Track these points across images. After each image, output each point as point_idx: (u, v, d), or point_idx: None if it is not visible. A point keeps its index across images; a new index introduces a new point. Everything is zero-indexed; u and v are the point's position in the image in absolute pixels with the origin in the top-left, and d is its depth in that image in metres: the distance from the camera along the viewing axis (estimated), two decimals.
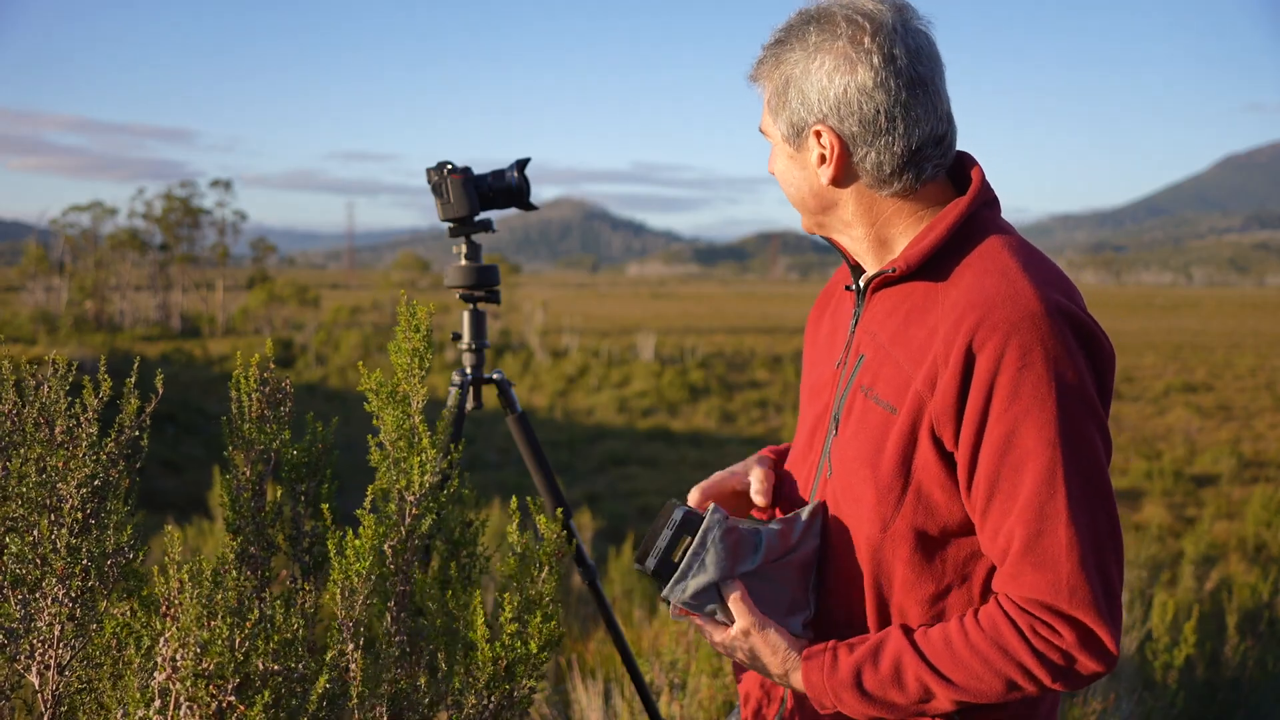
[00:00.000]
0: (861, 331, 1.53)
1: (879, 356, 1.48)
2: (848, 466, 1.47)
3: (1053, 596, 1.33)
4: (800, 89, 1.46)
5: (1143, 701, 4.39)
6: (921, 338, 1.42)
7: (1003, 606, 1.38)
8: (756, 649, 1.49)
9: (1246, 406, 23.98)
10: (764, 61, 1.51)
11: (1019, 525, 1.34)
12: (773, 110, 1.52)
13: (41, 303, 48.78)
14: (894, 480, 1.42)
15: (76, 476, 1.61)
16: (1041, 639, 1.35)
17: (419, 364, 1.73)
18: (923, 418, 1.39)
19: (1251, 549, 11.05)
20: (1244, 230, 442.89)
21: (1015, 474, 1.34)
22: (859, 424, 1.47)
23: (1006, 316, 1.35)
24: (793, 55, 1.46)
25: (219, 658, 1.42)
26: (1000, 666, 1.36)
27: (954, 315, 1.39)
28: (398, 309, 1.74)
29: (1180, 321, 59.67)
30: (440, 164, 2.86)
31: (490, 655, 1.61)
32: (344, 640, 1.61)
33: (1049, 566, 1.33)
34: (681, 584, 1.48)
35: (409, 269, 63.77)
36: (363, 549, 1.59)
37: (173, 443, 17.20)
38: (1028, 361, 1.33)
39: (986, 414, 1.35)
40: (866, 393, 1.47)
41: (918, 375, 1.40)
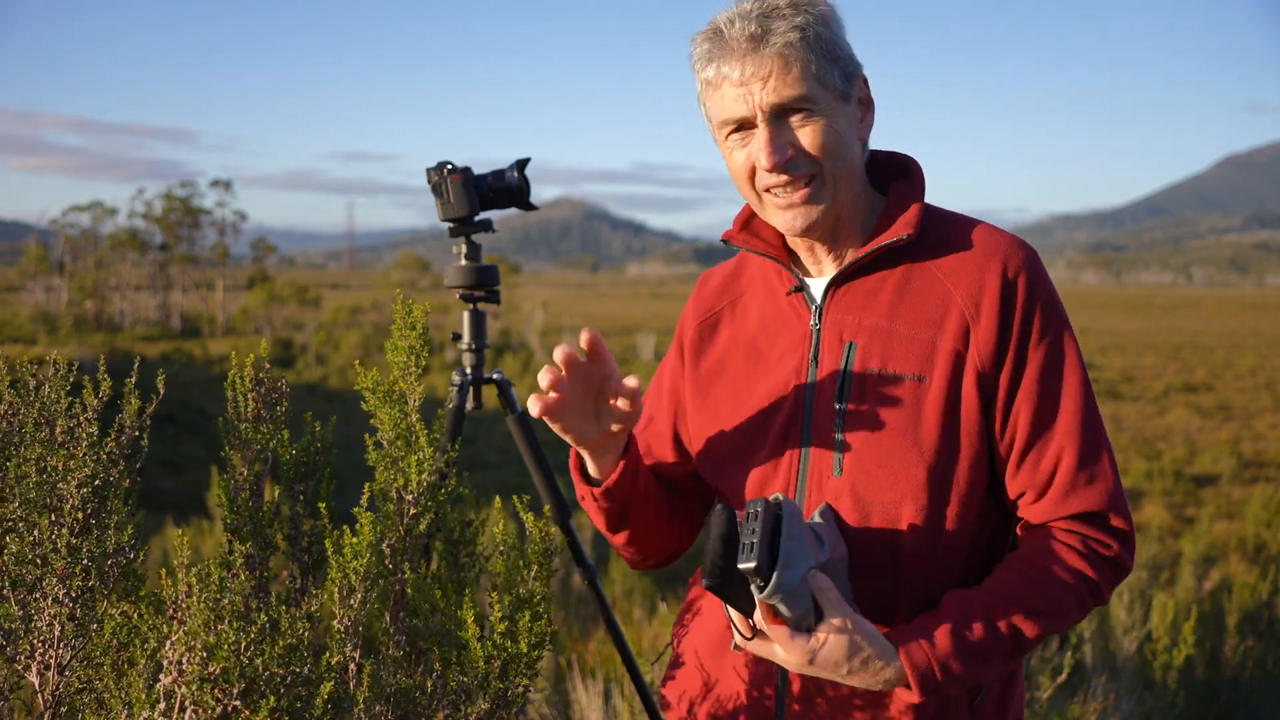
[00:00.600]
0: (830, 325, 1.53)
1: (879, 338, 1.49)
2: (879, 447, 1.46)
3: (1105, 507, 1.45)
4: (838, 40, 1.48)
5: (1143, 701, 4.39)
6: (931, 304, 1.48)
7: (1053, 533, 1.47)
8: (855, 644, 1.37)
9: (1246, 406, 23.98)
10: (783, 32, 1.44)
11: (1069, 444, 1.45)
12: (821, 69, 1.45)
13: (41, 303, 48.78)
14: (938, 442, 1.45)
15: (77, 476, 1.61)
16: (1096, 553, 1.45)
17: (415, 363, 1.73)
18: (965, 368, 1.45)
19: (1251, 549, 11.05)
20: (1244, 230, 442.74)
21: (1057, 393, 1.45)
22: (879, 404, 1.47)
23: (1021, 256, 1.48)
24: (803, 20, 1.45)
25: (225, 662, 1.42)
26: (1075, 585, 1.44)
27: (969, 269, 1.48)
28: (394, 308, 1.74)
29: (1180, 321, 59.66)
30: (440, 164, 2.85)
31: (482, 655, 1.61)
32: (344, 641, 1.62)
33: (1100, 480, 1.45)
34: (789, 573, 1.34)
35: (409, 269, 63.77)
36: (360, 547, 1.59)
37: (173, 443, 17.20)
38: (1049, 291, 1.48)
39: (1028, 337, 1.45)
40: (880, 373, 1.48)
41: (941, 337, 1.46)
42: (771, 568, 1.33)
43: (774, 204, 1.52)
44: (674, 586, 7.86)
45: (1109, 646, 5.13)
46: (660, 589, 7.50)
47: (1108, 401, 24.37)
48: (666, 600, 6.44)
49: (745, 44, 1.45)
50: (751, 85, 1.45)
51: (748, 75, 1.45)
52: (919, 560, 1.48)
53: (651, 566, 1.78)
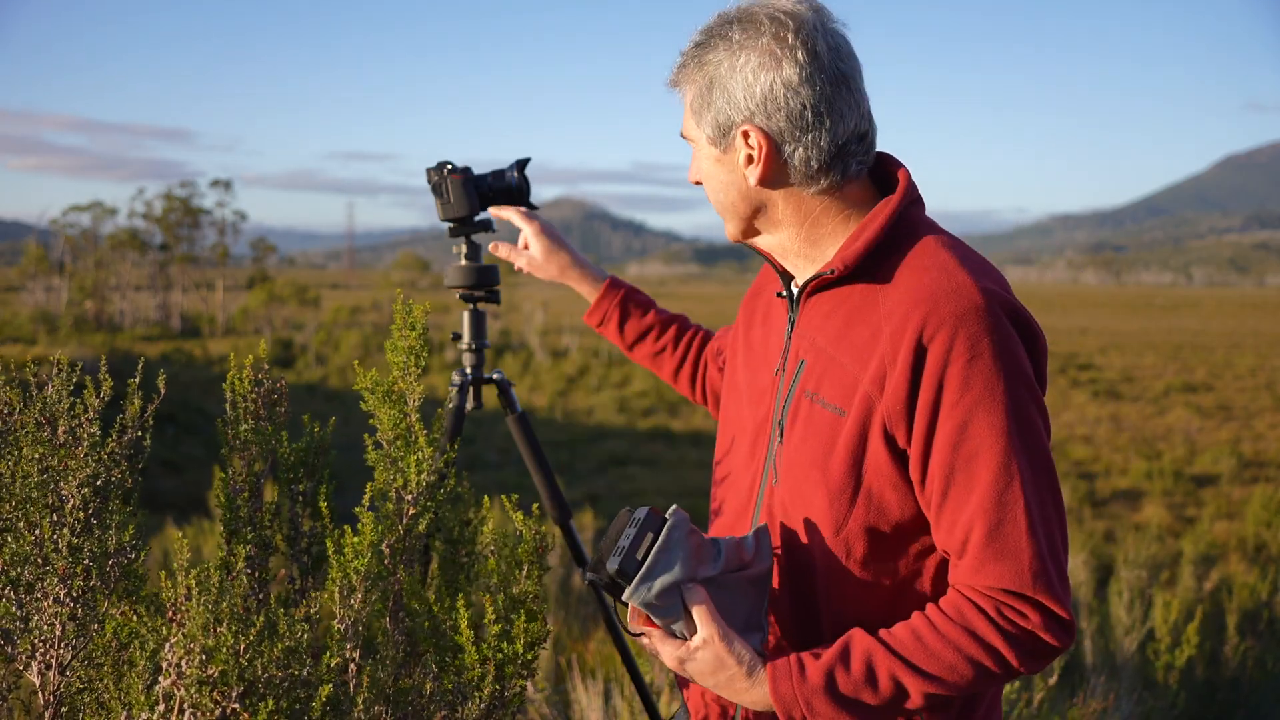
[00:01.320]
0: (798, 337, 1.54)
1: (821, 361, 1.48)
2: (797, 472, 1.47)
3: (1018, 584, 1.36)
4: (725, 88, 1.46)
5: (1143, 701, 4.39)
6: (865, 338, 1.43)
7: (966, 595, 1.39)
8: (720, 660, 1.40)
9: (1246, 406, 23.98)
10: (685, 65, 1.51)
11: (979, 517, 1.36)
12: (696, 113, 1.51)
13: (41, 303, 48.78)
14: (845, 481, 1.42)
15: (78, 476, 1.61)
16: (1009, 621, 1.37)
17: (415, 363, 1.73)
18: (873, 417, 1.40)
19: (1251, 549, 11.05)
20: (1244, 230, 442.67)
21: (970, 465, 1.36)
22: (805, 429, 1.47)
23: (952, 310, 1.37)
24: (715, 55, 1.46)
25: (223, 665, 1.41)
26: (972, 652, 1.37)
27: (899, 312, 1.40)
28: (394, 308, 1.74)
29: (1180, 321, 59.66)
30: (440, 164, 2.85)
31: (476, 657, 1.61)
32: (344, 642, 1.61)
33: (1011, 556, 1.36)
34: (648, 583, 1.39)
35: (409, 269, 63.73)
36: (361, 546, 1.59)
37: (173, 443, 17.20)
38: (976, 352, 1.35)
39: (938, 407, 1.36)
40: (812, 397, 1.47)
41: (864, 376, 1.41)
42: (634, 574, 1.40)
43: None
44: None
45: (1109, 646, 5.13)
46: None
47: (1108, 401, 24.38)
48: None
49: (678, 60, 1.54)
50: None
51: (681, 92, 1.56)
52: (838, 587, 1.47)
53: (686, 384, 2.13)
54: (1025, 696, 3.65)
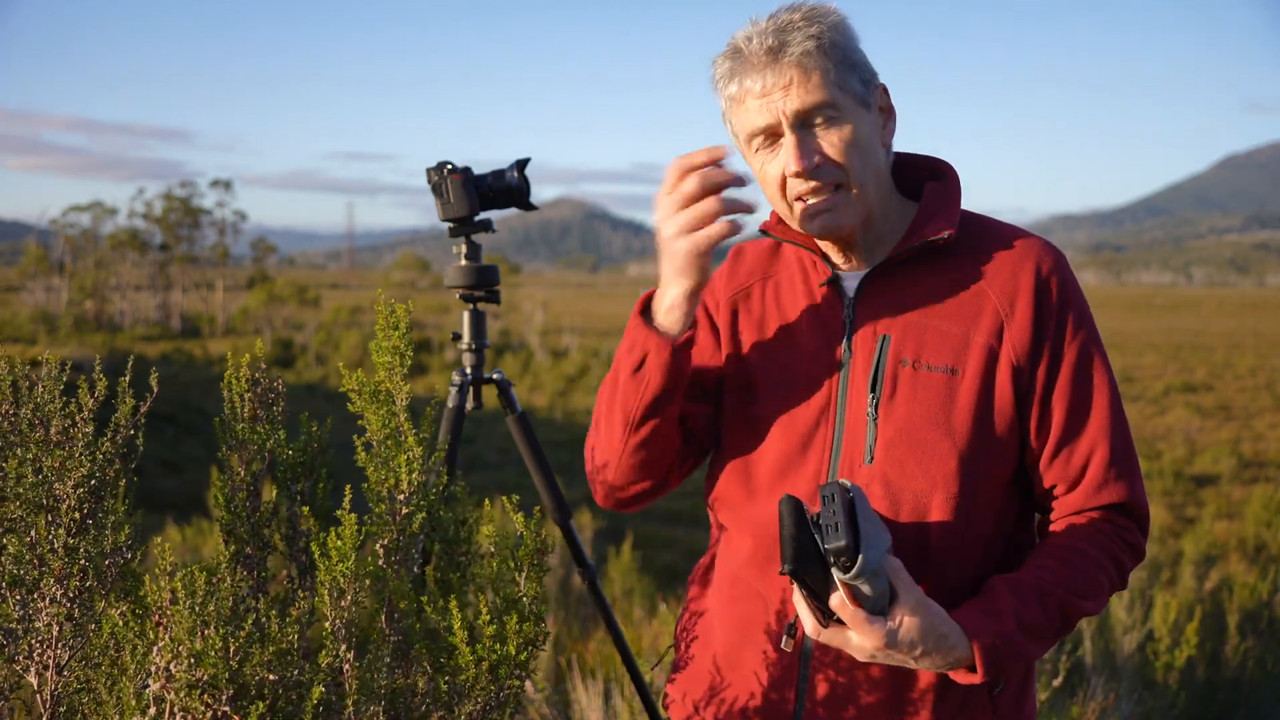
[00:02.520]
0: (865, 317, 1.57)
1: (913, 331, 1.54)
2: (911, 437, 1.51)
3: (1133, 501, 1.54)
4: (857, 44, 1.53)
5: (1143, 701, 4.39)
6: (964, 302, 1.54)
7: (1087, 522, 1.53)
8: (931, 624, 1.38)
9: (1246, 406, 23.97)
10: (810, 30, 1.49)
11: (1100, 442, 1.52)
12: (843, 72, 1.50)
13: (41, 303, 48.76)
14: (973, 431, 1.50)
15: (73, 476, 1.60)
16: (1124, 540, 1.53)
17: (400, 362, 1.73)
18: (999, 363, 1.51)
19: (1251, 549, 11.04)
20: (1244, 230, 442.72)
21: (1090, 393, 1.52)
22: (912, 395, 1.52)
23: (1051, 259, 1.54)
24: (832, 19, 1.51)
25: (213, 668, 1.41)
26: (1110, 570, 1.51)
27: (1005, 270, 1.54)
28: (375, 307, 1.75)
29: (1180, 321, 59.64)
30: (440, 164, 2.85)
31: (471, 658, 1.60)
32: (337, 643, 1.61)
33: (1126, 477, 1.53)
34: (874, 550, 1.33)
35: (409, 269, 63.78)
36: (344, 549, 1.59)
37: (173, 443, 17.18)
38: (1075, 290, 1.55)
39: (1063, 336, 1.52)
40: (914, 365, 1.53)
41: (976, 332, 1.52)
42: (857, 548, 1.32)
43: (803, 212, 1.55)
44: (674, 587, 7.86)
45: (1109, 646, 5.12)
46: (660, 589, 7.50)
47: None
48: (666, 600, 6.44)
49: (764, 57, 1.49)
50: (773, 95, 1.50)
51: (769, 86, 1.49)
52: (946, 549, 1.52)
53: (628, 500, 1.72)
54: None
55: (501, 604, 1.65)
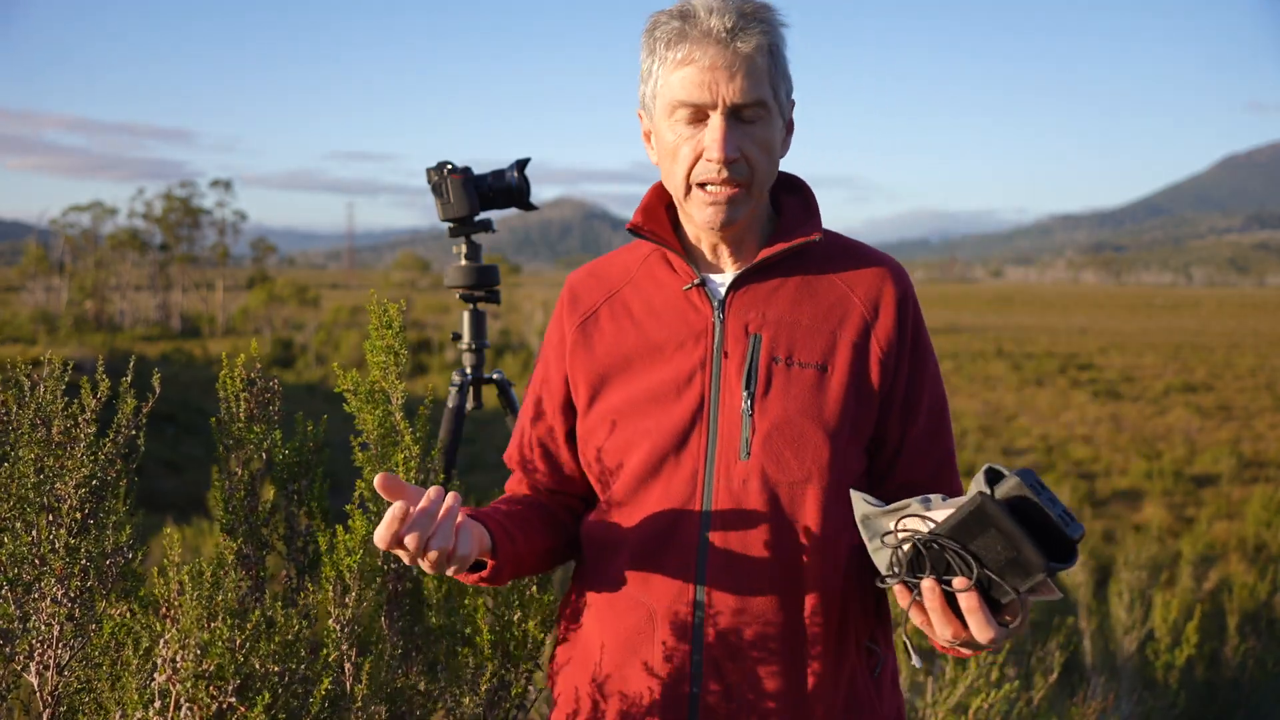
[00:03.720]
0: (735, 318, 1.61)
1: (784, 330, 1.60)
2: (786, 431, 1.56)
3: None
4: (783, 57, 1.56)
5: (1143, 701, 4.39)
6: (830, 304, 1.62)
7: None
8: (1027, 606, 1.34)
9: (1246, 406, 23.96)
10: (760, 29, 1.51)
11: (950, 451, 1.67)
12: (776, 77, 1.54)
13: (41, 303, 48.76)
14: (842, 422, 1.57)
15: (74, 477, 1.60)
16: None
17: (395, 362, 1.73)
18: (866, 362, 1.59)
19: (1251, 549, 11.04)
20: (1244, 230, 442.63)
21: (940, 403, 1.66)
22: (786, 390, 1.58)
23: (904, 276, 1.67)
24: (773, 26, 1.53)
25: (219, 659, 1.41)
26: None
27: (867, 279, 1.64)
28: (367, 308, 1.74)
29: (1180, 321, 59.64)
30: (440, 164, 2.85)
31: (490, 639, 1.61)
32: (341, 639, 1.61)
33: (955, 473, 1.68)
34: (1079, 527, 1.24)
35: (409, 269, 63.75)
36: (354, 544, 1.59)
37: (173, 443, 17.19)
38: (919, 309, 1.67)
39: (919, 350, 1.64)
40: (787, 362, 1.58)
41: (843, 332, 1.60)
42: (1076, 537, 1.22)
43: (702, 198, 1.56)
44: None
45: (1109, 646, 5.13)
46: None
47: (1108, 401, 24.35)
48: None
49: (722, 34, 1.49)
50: (718, 75, 1.49)
51: (717, 64, 1.49)
52: (819, 540, 1.56)
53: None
54: (1026, 696, 3.65)
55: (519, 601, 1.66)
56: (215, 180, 68.74)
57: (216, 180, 67.43)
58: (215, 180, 68.74)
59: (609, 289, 1.71)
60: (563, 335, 1.72)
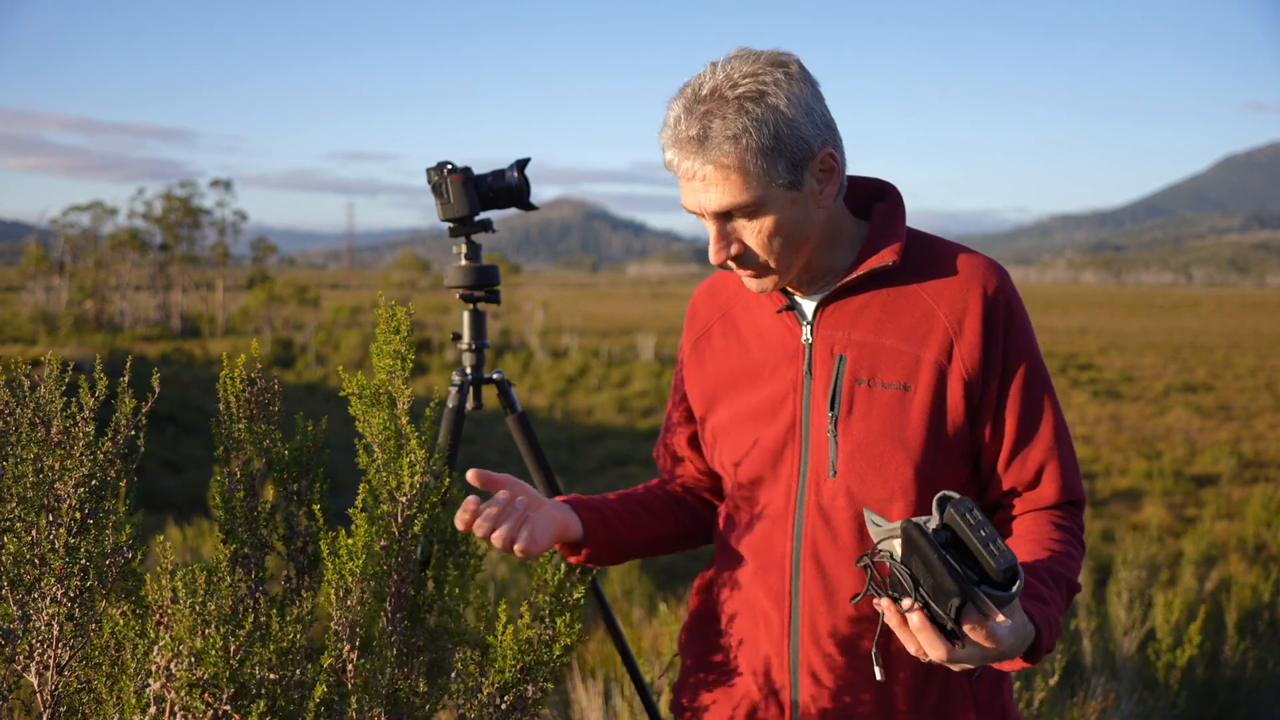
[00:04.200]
0: (822, 340, 1.66)
1: (867, 351, 1.63)
2: (869, 451, 1.60)
3: (1080, 495, 1.67)
4: (793, 125, 1.50)
5: (1143, 701, 4.39)
6: (915, 320, 1.62)
7: (1057, 512, 1.66)
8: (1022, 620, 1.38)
9: (1246, 406, 23.97)
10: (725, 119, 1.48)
11: (1053, 450, 1.64)
12: (766, 167, 1.50)
13: (41, 303, 48.76)
14: (925, 443, 1.60)
15: (74, 476, 1.60)
16: (1079, 526, 1.67)
17: (401, 365, 1.73)
18: (949, 380, 1.60)
19: (1251, 549, 11.04)
20: (1244, 230, 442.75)
21: (1038, 404, 1.63)
22: (868, 411, 1.61)
23: (995, 278, 1.63)
24: (765, 104, 1.49)
25: (214, 667, 1.41)
26: (1080, 551, 1.64)
27: (951, 291, 1.62)
28: (375, 312, 1.74)
29: (1180, 321, 59.66)
30: (440, 164, 2.85)
31: (513, 658, 1.63)
32: (341, 643, 1.61)
33: (1073, 474, 1.66)
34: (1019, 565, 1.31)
35: (409, 269, 63.77)
36: (356, 548, 1.59)
37: (173, 443, 17.18)
38: (1018, 307, 1.64)
39: (1009, 353, 1.62)
40: (869, 383, 1.62)
41: (926, 351, 1.60)
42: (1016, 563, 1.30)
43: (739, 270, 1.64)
44: (673, 586, 7.86)
45: (1109, 646, 5.13)
46: (660, 588, 7.50)
47: (1108, 401, 24.36)
48: (666, 600, 6.44)
49: (689, 144, 1.51)
50: (695, 184, 1.53)
51: (692, 174, 1.52)
52: None
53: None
54: (1026, 696, 3.65)
55: (551, 604, 1.68)
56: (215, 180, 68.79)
57: (216, 180, 67.48)
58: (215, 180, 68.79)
59: (722, 308, 1.82)
60: (682, 350, 1.87)
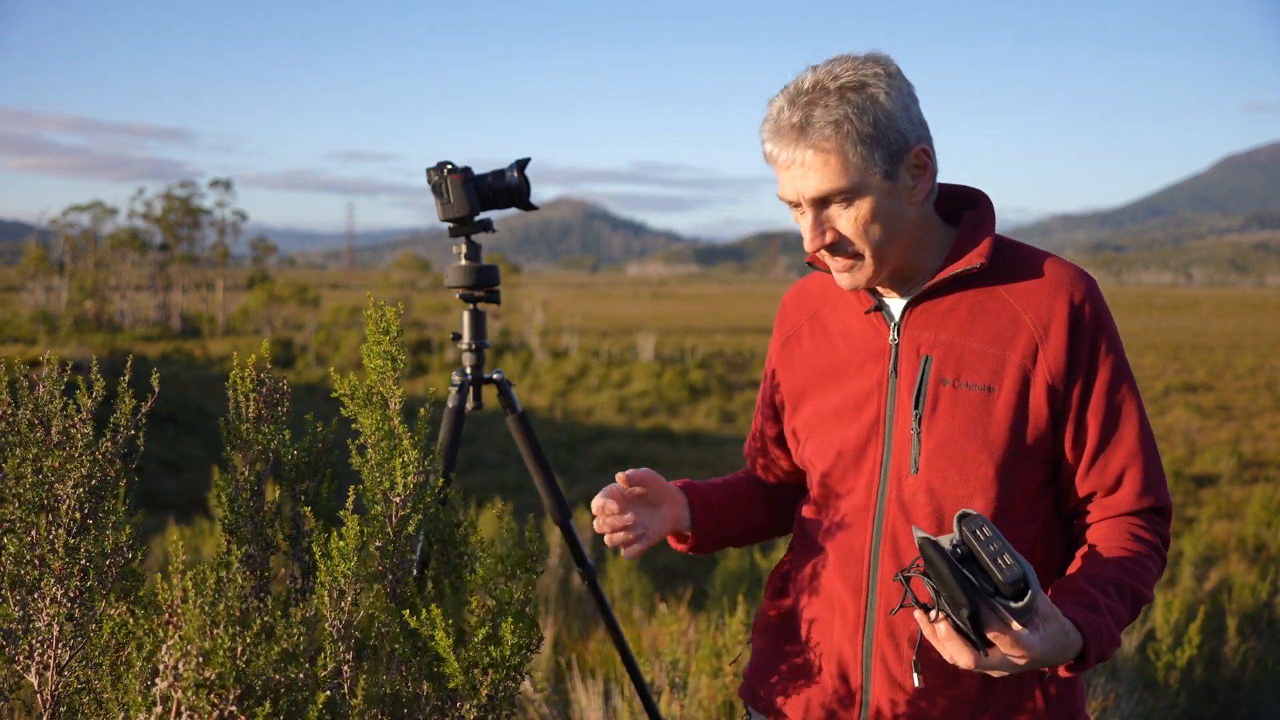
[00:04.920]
0: (908, 340, 1.70)
1: (953, 352, 1.67)
2: (950, 449, 1.64)
3: (1163, 503, 1.68)
4: (891, 118, 1.57)
5: (1143, 701, 4.39)
6: (1001, 324, 1.66)
7: (1132, 525, 1.67)
8: (1060, 629, 1.44)
9: (1246, 406, 23.96)
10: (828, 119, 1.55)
11: (1136, 455, 1.66)
12: (865, 155, 1.56)
13: (41, 303, 48.76)
14: (1008, 444, 1.63)
15: (73, 476, 1.60)
16: (1162, 532, 1.69)
17: (392, 366, 1.73)
18: (1033, 382, 1.63)
19: (1251, 549, 11.05)
20: (1244, 230, 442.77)
21: (1121, 410, 1.66)
22: (952, 411, 1.65)
23: (1083, 286, 1.66)
24: (865, 94, 1.56)
25: (221, 667, 1.41)
26: (1157, 561, 1.66)
27: (1038, 297, 1.66)
28: (364, 313, 1.74)
29: (1180, 321, 59.65)
30: (440, 164, 2.85)
31: (457, 665, 1.61)
32: (338, 644, 1.61)
33: (1157, 483, 1.68)
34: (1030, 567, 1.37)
35: (409, 269, 63.77)
36: (347, 549, 1.59)
37: (173, 443, 17.19)
38: (1106, 316, 1.67)
39: (1095, 360, 1.64)
40: (954, 384, 1.66)
41: (1011, 354, 1.64)
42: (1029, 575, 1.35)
43: (831, 266, 1.68)
44: (673, 586, 7.86)
45: None
46: (659, 589, 7.50)
47: None
48: (665, 600, 6.44)
49: (790, 132, 1.58)
50: (794, 171, 1.60)
51: (792, 161, 1.59)
52: None
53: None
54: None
55: (495, 607, 1.65)
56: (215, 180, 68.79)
57: (216, 180, 67.48)
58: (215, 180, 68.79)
59: (810, 309, 1.87)
60: (772, 351, 1.92)
